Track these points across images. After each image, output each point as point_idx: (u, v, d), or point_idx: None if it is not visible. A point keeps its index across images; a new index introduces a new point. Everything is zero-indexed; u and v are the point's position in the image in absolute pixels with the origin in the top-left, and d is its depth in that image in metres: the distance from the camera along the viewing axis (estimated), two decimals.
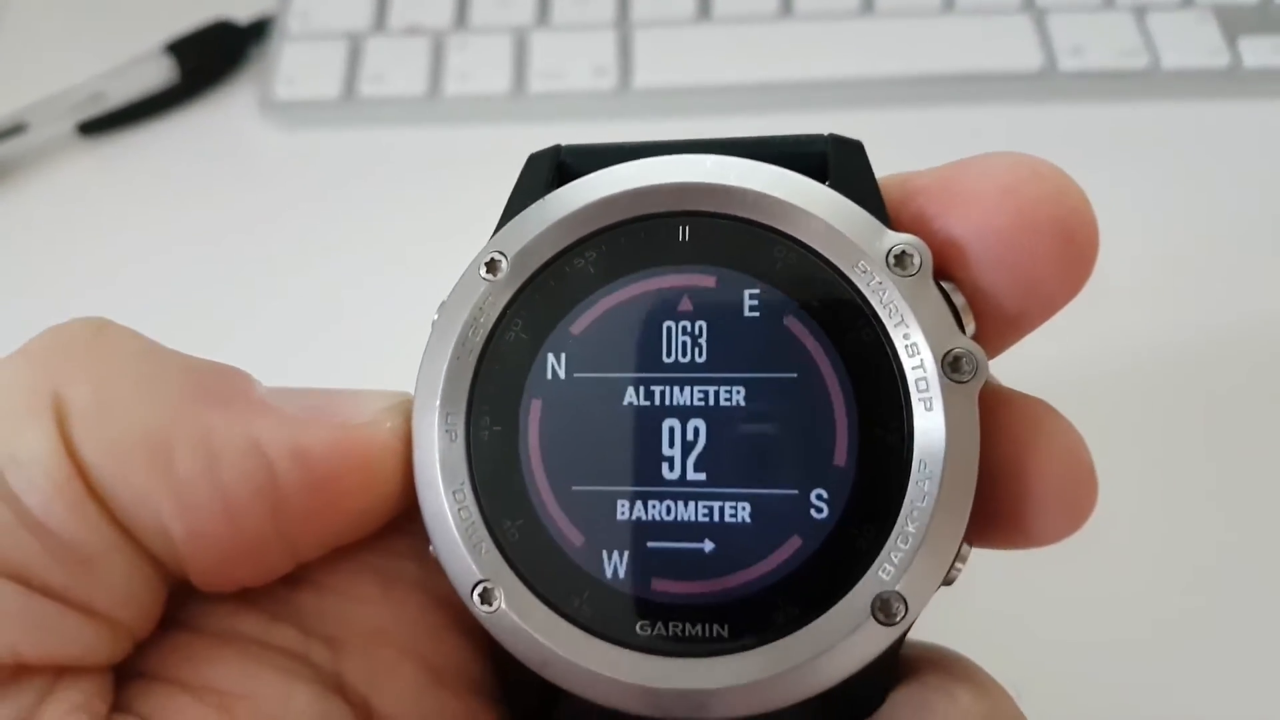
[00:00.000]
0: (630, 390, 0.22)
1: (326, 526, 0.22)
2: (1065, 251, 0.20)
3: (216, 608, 0.22)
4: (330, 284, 0.45)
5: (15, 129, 0.49)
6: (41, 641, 0.19)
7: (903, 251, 0.21)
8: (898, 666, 0.21)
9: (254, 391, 0.21)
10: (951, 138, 0.46)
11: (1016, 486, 0.21)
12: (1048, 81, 0.48)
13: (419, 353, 0.23)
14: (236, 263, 0.46)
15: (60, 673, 0.20)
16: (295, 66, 0.50)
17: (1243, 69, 0.47)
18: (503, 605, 0.21)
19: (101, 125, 0.50)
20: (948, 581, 0.21)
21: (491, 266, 0.22)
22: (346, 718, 0.22)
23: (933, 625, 0.23)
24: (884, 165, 0.23)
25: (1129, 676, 0.34)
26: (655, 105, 0.48)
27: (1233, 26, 0.48)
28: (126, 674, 0.21)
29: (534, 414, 0.22)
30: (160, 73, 0.51)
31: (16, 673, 0.19)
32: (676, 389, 0.22)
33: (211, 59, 0.52)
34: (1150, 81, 0.48)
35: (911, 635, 0.22)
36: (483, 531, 0.21)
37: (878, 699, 0.21)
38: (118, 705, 0.21)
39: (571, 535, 0.21)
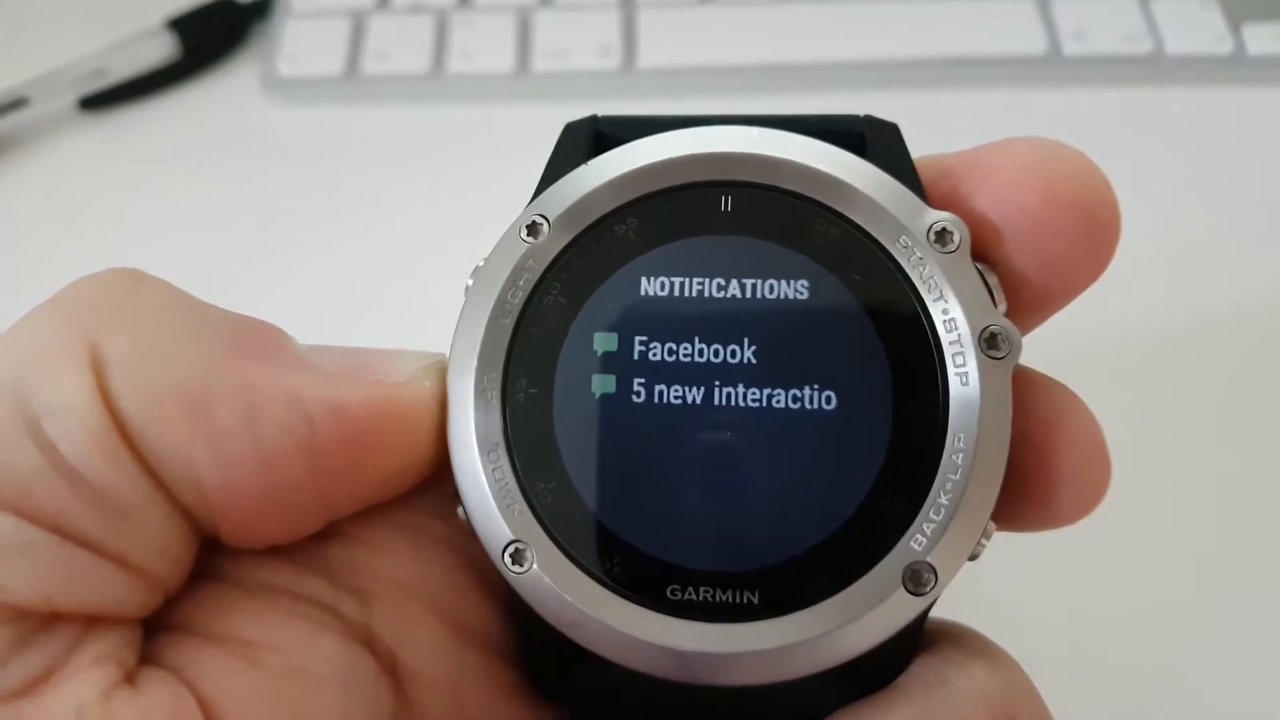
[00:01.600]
0: (669, 356, 0.22)
1: (361, 484, 0.21)
2: (1088, 231, 0.21)
3: (245, 560, 0.22)
4: (331, 262, 0.45)
5: (16, 103, 0.49)
6: (75, 591, 0.19)
7: (943, 229, 0.21)
8: (921, 639, 0.22)
9: (291, 347, 0.21)
10: (955, 121, 0.46)
11: (1041, 466, 0.21)
12: (1051, 66, 0.48)
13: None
14: (237, 240, 0.46)
15: (91, 623, 0.20)
16: (298, 44, 0.50)
17: (1246, 56, 0.47)
18: (535, 566, 0.21)
19: (103, 101, 0.50)
20: (972, 557, 0.21)
21: (533, 229, 0.22)
22: (373, 670, 0.22)
23: (945, 602, 0.23)
24: None
25: (1139, 653, 0.34)
26: (660, 85, 0.48)
27: (1236, 13, 0.48)
28: (155, 626, 0.21)
29: (570, 379, 0.22)
30: (162, 49, 0.50)
31: (48, 621, 0.19)
32: (715, 359, 0.22)
33: (214, 35, 0.51)
34: (1154, 67, 0.48)
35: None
36: (516, 493, 0.21)
37: (899, 670, 0.21)
38: (146, 657, 0.21)
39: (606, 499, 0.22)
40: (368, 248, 0.45)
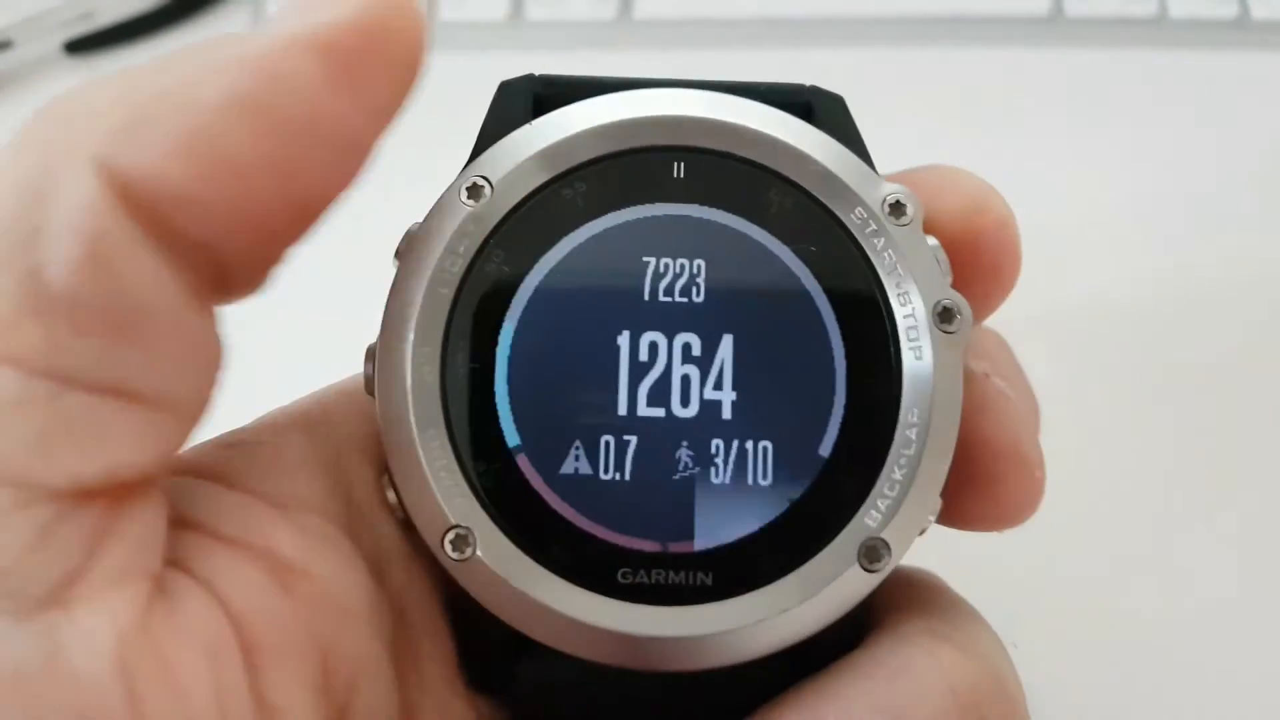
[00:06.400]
0: (617, 331, 0.21)
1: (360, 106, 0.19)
2: (993, 279, 0.22)
3: (273, 476, 0.20)
4: None
5: (0, 46, 0.48)
6: (84, 447, 0.16)
7: (898, 201, 0.21)
8: (874, 611, 0.21)
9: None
10: (956, 80, 0.45)
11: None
12: (1055, 26, 0.47)
13: None
14: None
15: (114, 505, 0.17)
16: None
17: (1250, 20, 0.47)
18: (477, 552, 0.20)
19: (90, 44, 0.49)
20: (920, 531, 0.21)
21: (474, 192, 0.21)
22: (390, 612, 0.21)
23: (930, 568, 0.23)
24: (889, 104, 0.23)
25: (1126, 628, 0.34)
26: (655, 36, 0.48)
27: None
28: (179, 522, 0.19)
29: (514, 352, 0.21)
30: None
31: (65, 507, 0.16)
32: (665, 330, 0.21)
33: None
34: (1158, 29, 0.47)
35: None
36: (456, 474, 0.20)
37: (852, 643, 0.21)
38: (171, 558, 0.18)
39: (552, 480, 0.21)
40: (351, 198, 0.44)
